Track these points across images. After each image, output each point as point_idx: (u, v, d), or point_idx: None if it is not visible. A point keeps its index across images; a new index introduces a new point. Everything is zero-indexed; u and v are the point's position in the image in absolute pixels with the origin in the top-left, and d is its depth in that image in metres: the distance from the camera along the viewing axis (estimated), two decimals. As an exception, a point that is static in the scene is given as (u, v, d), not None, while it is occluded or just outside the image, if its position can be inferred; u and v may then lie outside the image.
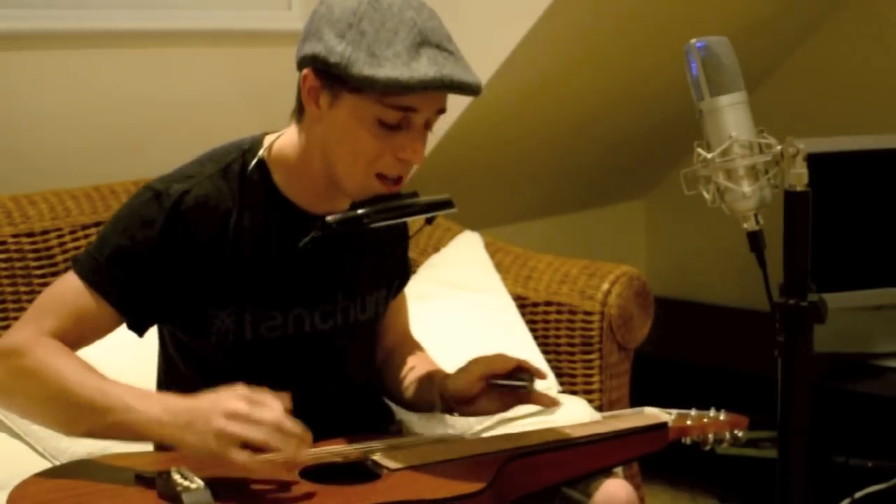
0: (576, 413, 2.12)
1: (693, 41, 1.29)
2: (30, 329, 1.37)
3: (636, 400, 1.96)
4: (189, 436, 1.25)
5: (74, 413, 1.31)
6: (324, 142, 1.38)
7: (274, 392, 1.28)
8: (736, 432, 1.65)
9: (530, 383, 1.49)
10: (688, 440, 1.63)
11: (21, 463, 1.69)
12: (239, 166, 1.43)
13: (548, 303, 2.28)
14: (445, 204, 1.42)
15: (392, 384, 1.63)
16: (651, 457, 1.62)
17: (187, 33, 2.35)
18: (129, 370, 1.64)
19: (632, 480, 2.19)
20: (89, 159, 2.24)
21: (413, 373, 1.60)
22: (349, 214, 1.36)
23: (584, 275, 2.26)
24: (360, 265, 1.52)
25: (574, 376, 2.24)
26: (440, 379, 1.53)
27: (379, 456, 1.38)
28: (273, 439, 1.23)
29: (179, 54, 2.34)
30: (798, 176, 1.22)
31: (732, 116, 1.27)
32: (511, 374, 1.50)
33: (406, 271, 1.69)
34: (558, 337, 2.26)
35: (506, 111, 2.68)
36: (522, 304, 2.30)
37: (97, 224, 2.04)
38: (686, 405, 1.68)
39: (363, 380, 1.60)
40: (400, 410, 1.77)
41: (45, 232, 2.02)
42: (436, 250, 2.42)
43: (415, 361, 1.63)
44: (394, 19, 1.30)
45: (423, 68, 1.29)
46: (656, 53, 2.70)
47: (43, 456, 1.75)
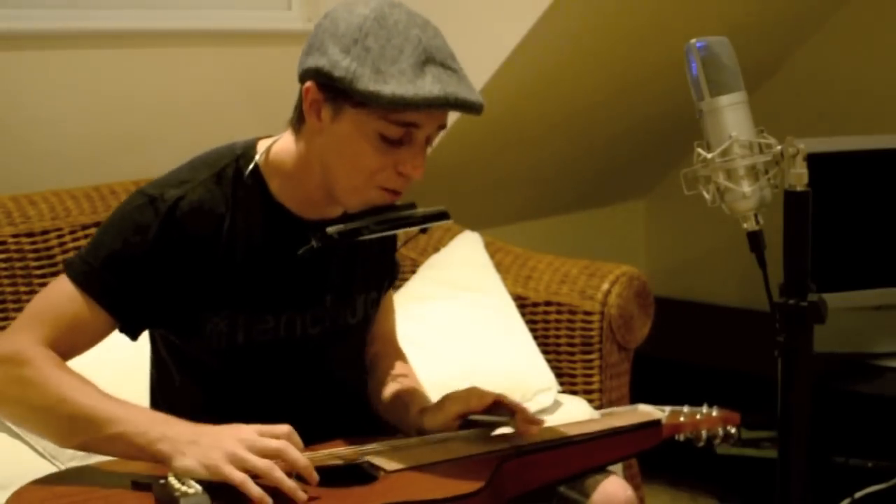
0: (576, 413, 2.13)
1: (693, 41, 1.29)
2: (25, 336, 1.36)
3: (636, 400, 1.96)
4: (189, 453, 1.25)
5: (71, 424, 1.31)
6: (324, 154, 1.38)
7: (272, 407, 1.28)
8: (729, 428, 1.66)
9: (511, 419, 1.47)
10: (681, 437, 1.63)
11: (21, 463, 1.69)
12: (233, 171, 1.43)
13: (548, 303, 2.28)
14: (441, 215, 1.44)
15: (372, 397, 1.63)
16: (649, 455, 1.62)
17: (187, 33, 2.36)
18: (121, 374, 1.65)
19: (632, 480, 2.19)
20: (89, 159, 2.24)
21: (392, 396, 1.59)
22: (350, 227, 1.37)
23: (584, 275, 2.26)
24: (351, 269, 1.52)
25: (574, 376, 2.24)
26: (416, 413, 1.52)
27: (376, 457, 1.38)
28: (274, 473, 1.23)
29: (179, 54, 2.35)
30: (798, 176, 1.22)
31: (732, 116, 1.27)
32: (489, 409, 1.49)
33: (394, 270, 1.68)
34: (558, 337, 2.26)
35: (506, 111, 2.68)
36: (522, 304, 2.30)
37: (97, 224, 2.03)
38: (685, 405, 1.68)
39: (355, 382, 1.60)
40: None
41: (45, 232, 2.03)
42: (436, 250, 2.42)
43: (395, 384, 1.61)
44: (399, 37, 1.31)
45: (428, 86, 1.29)
46: (656, 53, 2.70)
47: (42, 456, 1.75)
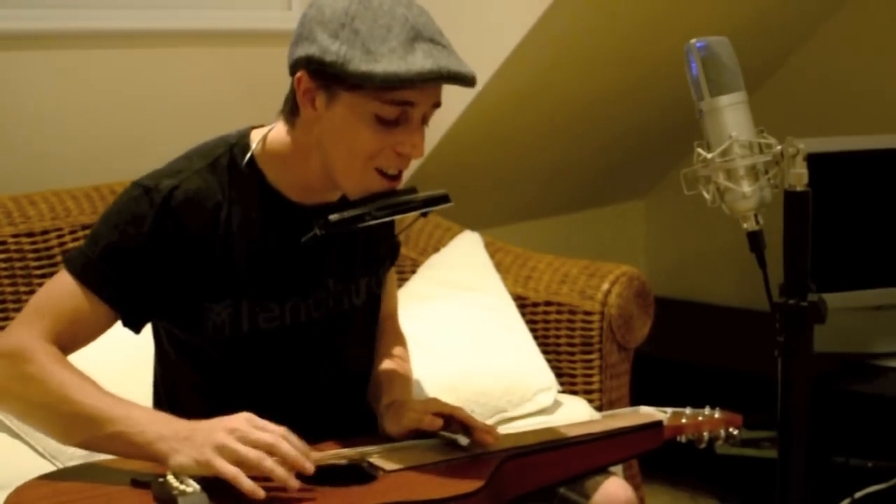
0: (576, 413, 2.13)
1: (693, 41, 1.29)
2: (27, 331, 1.36)
3: (636, 400, 1.96)
4: (183, 450, 1.25)
5: (73, 421, 1.31)
6: (322, 141, 1.38)
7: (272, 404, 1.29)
8: (731, 430, 1.66)
9: (466, 440, 1.41)
10: (683, 438, 1.63)
11: (21, 463, 1.69)
12: (227, 160, 1.44)
13: (548, 303, 2.28)
14: (442, 199, 1.44)
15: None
16: (649, 456, 1.62)
17: (187, 33, 2.35)
18: (124, 370, 1.65)
19: (632, 480, 2.19)
20: (89, 159, 2.24)
21: (373, 376, 1.60)
22: (352, 213, 1.37)
23: (584, 275, 2.26)
24: (351, 252, 1.53)
25: (574, 376, 2.24)
26: (382, 407, 1.51)
27: (375, 457, 1.38)
28: (264, 463, 1.23)
29: (179, 54, 2.35)
30: (798, 176, 1.22)
31: (732, 116, 1.27)
32: (446, 422, 1.45)
33: (394, 249, 1.69)
34: (558, 337, 2.26)
35: (506, 111, 2.68)
36: (522, 304, 2.30)
37: (97, 224, 2.04)
38: (686, 405, 1.68)
39: (359, 368, 1.60)
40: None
41: (45, 232, 2.03)
42: (436, 250, 2.42)
43: (382, 363, 1.62)
44: (385, 16, 1.31)
45: (420, 61, 1.30)
46: (656, 53, 2.70)
47: (43, 456, 1.75)
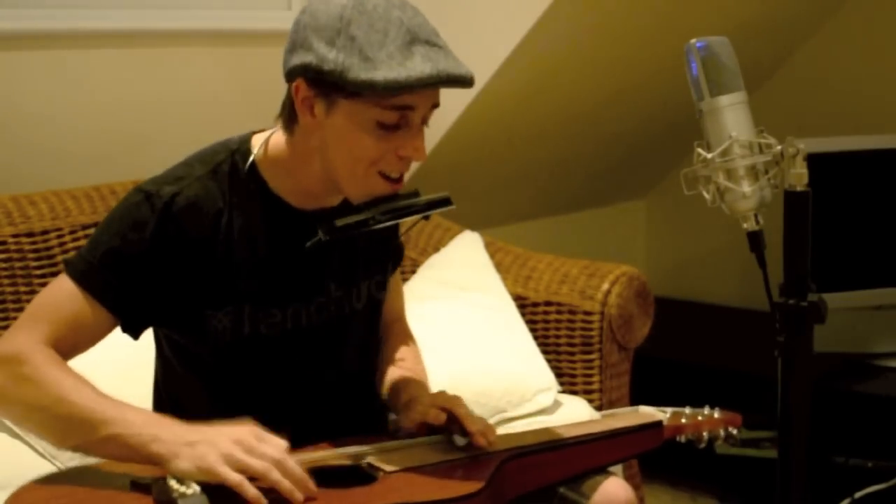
0: (576, 413, 2.13)
1: (693, 41, 1.29)
2: (27, 335, 1.36)
3: (636, 400, 1.96)
4: (185, 455, 1.24)
5: (68, 424, 1.31)
6: (322, 148, 1.38)
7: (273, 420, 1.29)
8: (731, 430, 1.66)
9: (463, 440, 1.42)
10: (683, 438, 1.63)
11: (21, 463, 1.69)
12: (228, 166, 1.44)
13: (548, 303, 2.28)
14: (444, 202, 1.43)
15: (377, 377, 1.64)
16: (649, 456, 1.62)
17: (187, 33, 2.35)
18: (123, 374, 1.65)
19: (632, 480, 2.19)
20: (89, 159, 2.24)
21: (389, 385, 1.60)
22: (356, 218, 1.38)
23: (584, 275, 2.26)
24: (353, 256, 1.53)
25: (574, 376, 2.24)
26: (401, 404, 1.53)
27: (375, 458, 1.38)
28: (272, 474, 1.23)
29: (179, 54, 2.34)
30: (798, 176, 1.22)
31: (732, 116, 1.27)
32: (449, 419, 1.46)
33: (398, 252, 1.69)
34: (558, 337, 2.26)
35: (505, 111, 2.68)
36: (522, 304, 2.30)
37: (97, 224, 2.02)
38: (685, 405, 1.68)
39: (358, 371, 1.60)
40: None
41: (45, 232, 2.03)
42: (436, 250, 2.42)
43: (394, 369, 1.62)
44: (381, 20, 1.30)
45: (419, 66, 1.29)
46: (656, 53, 2.70)
47: (43, 456, 1.75)
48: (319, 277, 1.49)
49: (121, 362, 1.68)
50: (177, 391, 1.53)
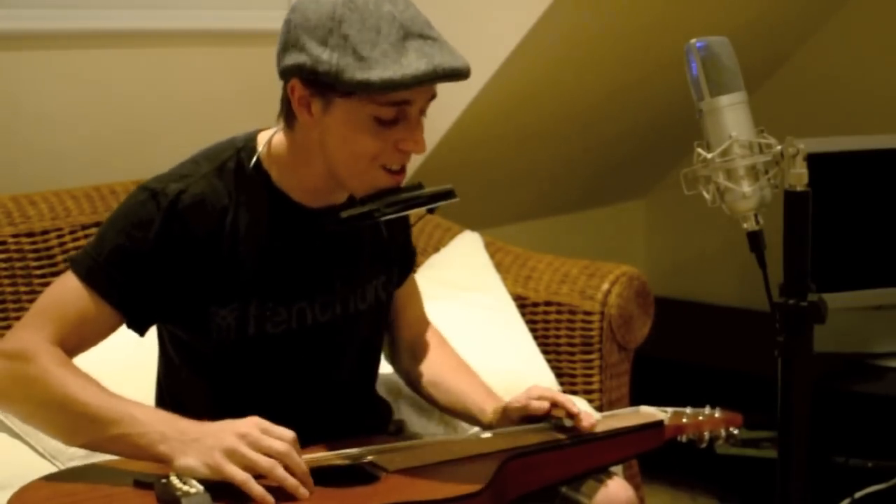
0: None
1: (693, 41, 1.29)
2: (32, 333, 1.36)
3: (636, 400, 1.96)
4: (191, 452, 1.25)
5: (76, 422, 1.31)
6: (323, 146, 1.38)
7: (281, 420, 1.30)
8: (731, 430, 1.66)
9: (570, 421, 1.51)
10: (684, 438, 1.63)
11: (21, 463, 1.69)
12: (234, 164, 1.44)
13: (548, 303, 2.28)
14: (448, 194, 1.43)
15: (422, 388, 1.67)
16: (649, 456, 1.62)
17: (187, 33, 2.35)
18: (126, 371, 1.65)
19: (632, 480, 2.19)
20: (89, 159, 2.24)
21: (456, 397, 1.63)
22: (361, 210, 1.38)
23: (584, 275, 2.26)
24: (359, 254, 1.53)
25: (574, 376, 2.24)
26: (499, 419, 1.57)
27: (377, 458, 1.38)
28: (276, 471, 1.23)
29: (179, 54, 2.34)
30: (798, 176, 1.22)
31: (732, 116, 1.27)
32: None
33: (410, 258, 1.69)
34: (558, 337, 2.26)
35: (506, 111, 2.68)
36: (522, 304, 2.30)
37: (97, 224, 2.03)
38: (686, 405, 1.68)
39: (363, 372, 1.61)
40: (399, 408, 1.77)
41: (45, 232, 2.02)
42: (436, 250, 2.42)
43: (455, 380, 1.66)
44: (373, 17, 1.29)
45: (414, 63, 1.28)
46: (656, 53, 2.70)
47: (43, 456, 1.75)
48: (325, 276, 1.49)
49: (122, 362, 1.68)
50: (179, 391, 1.53)
